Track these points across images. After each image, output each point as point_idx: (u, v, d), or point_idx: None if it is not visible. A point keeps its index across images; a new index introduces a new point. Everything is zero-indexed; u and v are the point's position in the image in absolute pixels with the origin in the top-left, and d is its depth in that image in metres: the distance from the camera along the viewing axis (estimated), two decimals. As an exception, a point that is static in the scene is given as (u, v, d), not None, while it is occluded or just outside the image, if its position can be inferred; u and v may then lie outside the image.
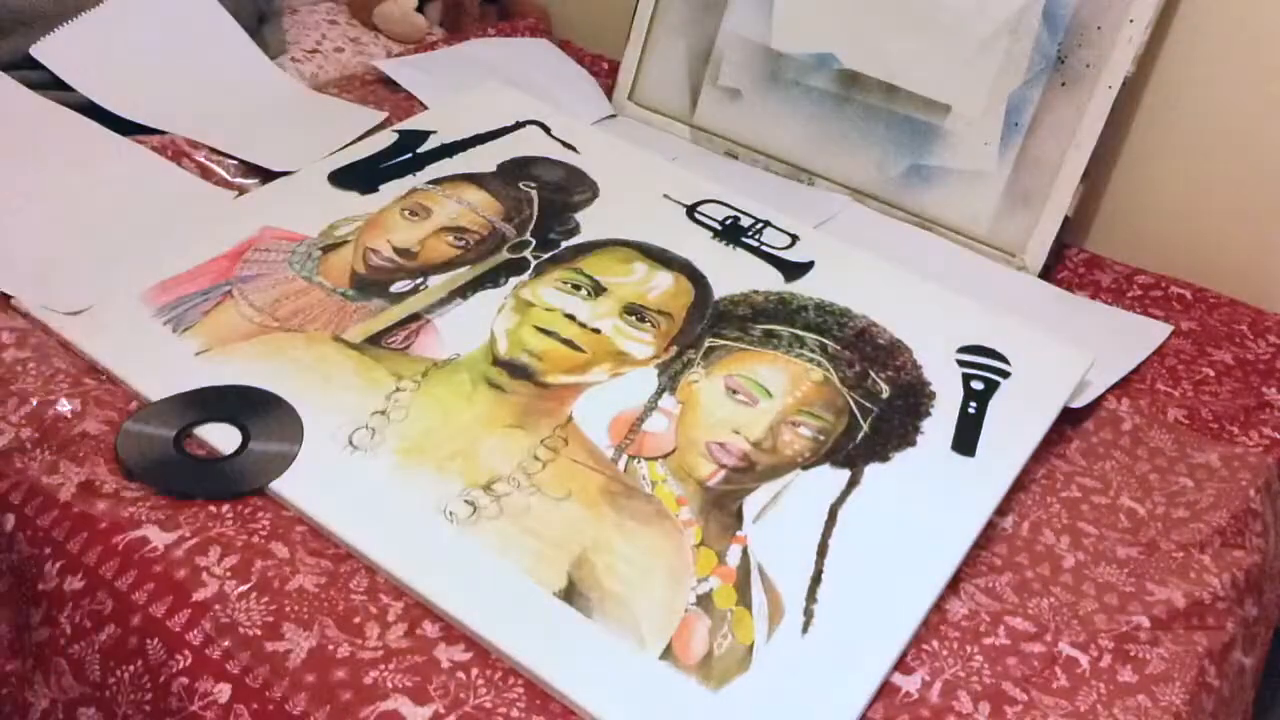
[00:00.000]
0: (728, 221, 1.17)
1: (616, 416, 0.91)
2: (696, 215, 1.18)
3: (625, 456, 0.88)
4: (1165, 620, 0.81)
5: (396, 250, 1.08)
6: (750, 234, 1.16)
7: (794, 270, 1.11)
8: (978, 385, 0.98)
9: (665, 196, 1.20)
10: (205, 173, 1.17)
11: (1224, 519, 0.90)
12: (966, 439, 0.92)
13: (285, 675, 0.71)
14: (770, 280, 1.09)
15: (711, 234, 1.16)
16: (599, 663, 0.73)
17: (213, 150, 1.19)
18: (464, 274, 1.06)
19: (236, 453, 0.84)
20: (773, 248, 1.14)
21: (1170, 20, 1.14)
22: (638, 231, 1.14)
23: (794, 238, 1.15)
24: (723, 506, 0.85)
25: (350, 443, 0.86)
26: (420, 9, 1.59)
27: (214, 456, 0.84)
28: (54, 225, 1.04)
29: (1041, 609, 0.81)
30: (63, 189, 1.08)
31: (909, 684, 0.75)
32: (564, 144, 1.28)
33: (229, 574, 0.77)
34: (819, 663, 0.74)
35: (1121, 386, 1.03)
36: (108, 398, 0.89)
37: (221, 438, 0.85)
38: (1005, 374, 0.99)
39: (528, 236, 1.12)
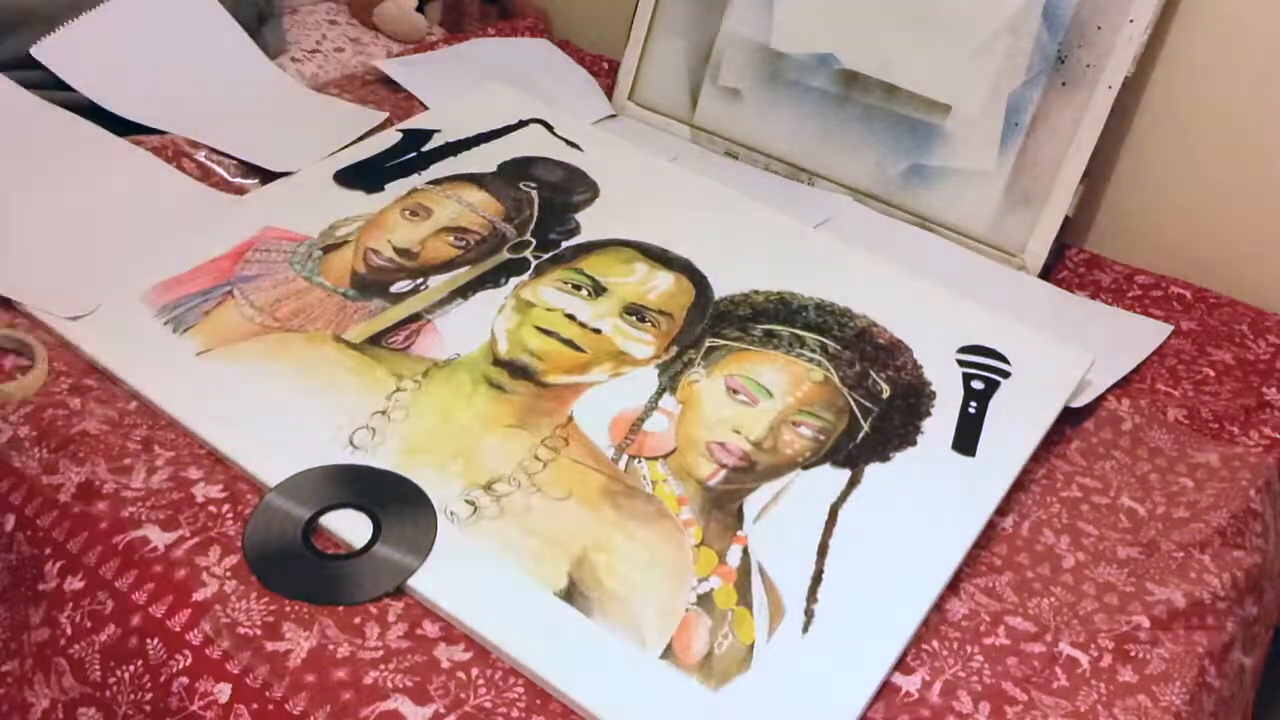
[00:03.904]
0: None
1: (617, 416, 0.91)
2: None
3: (626, 456, 0.88)
4: (1165, 620, 0.81)
5: (397, 250, 1.08)
6: None
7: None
8: (978, 385, 0.98)
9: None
10: (205, 173, 1.17)
11: (1224, 519, 0.90)
12: (967, 439, 0.92)
13: (285, 675, 0.71)
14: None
15: None
16: (600, 662, 0.73)
17: (213, 150, 1.19)
18: (464, 274, 1.06)
19: (361, 551, 0.78)
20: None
21: (1170, 20, 1.14)
22: (638, 231, 1.14)
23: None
24: (723, 506, 0.85)
25: (351, 443, 0.86)
26: (420, 9, 1.59)
27: (336, 553, 0.79)
28: (54, 228, 1.04)
29: (1041, 609, 0.81)
30: (63, 191, 1.08)
31: (909, 684, 0.75)
32: (568, 142, 1.28)
33: (229, 574, 0.77)
34: (819, 662, 0.74)
35: (1121, 386, 1.03)
36: (108, 397, 0.89)
37: (350, 526, 0.80)
38: (1005, 374, 0.99)
39: (528, 236, 1.12)
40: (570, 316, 1.01)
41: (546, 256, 1.09)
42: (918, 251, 1.19)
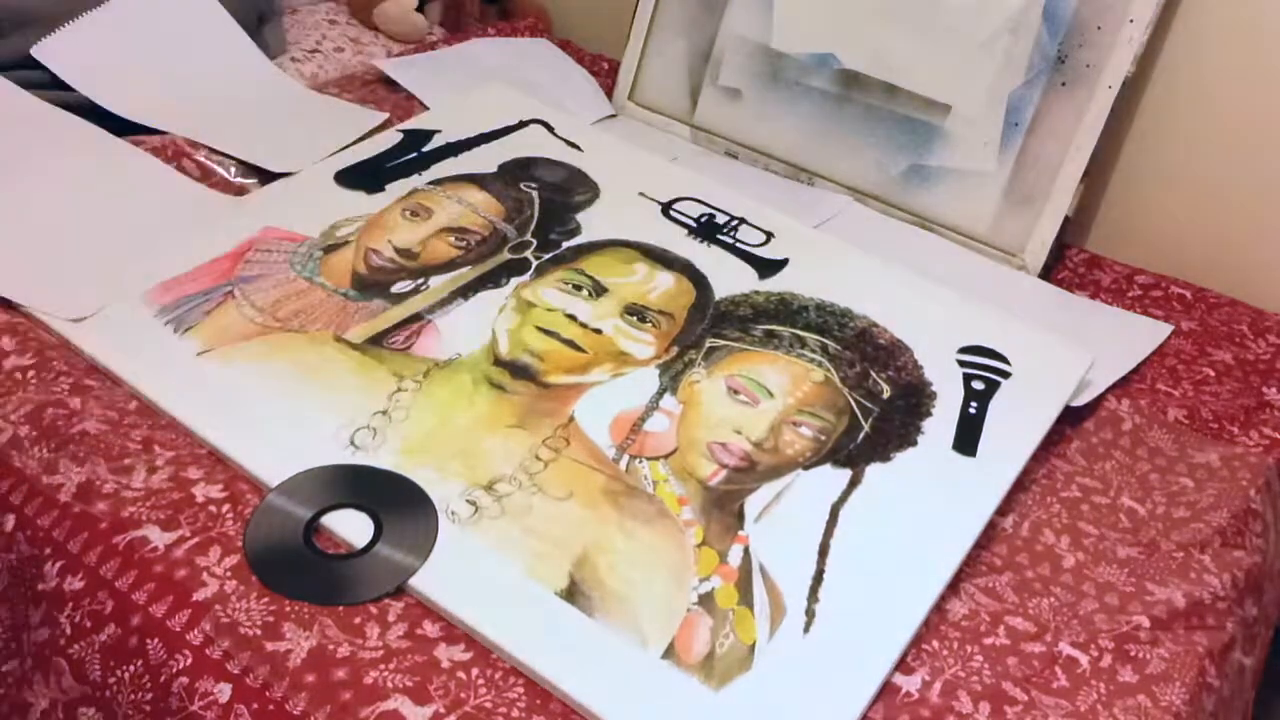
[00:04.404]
0: (703, 219, 1.18)
1: (618, 416, 0.91)
2: (671, 213, 1.18)
3: (626, 456, 0.88)
4: (1165, 620, 0.81)
5: (398, 251, 1.08)
6: (725, 231, 1.16)
7: (768, 267, 1.11)
8: (979, 385, 0.98)
9: (641, 194, 1.20)
10: (205, 173, 1.17)
11: (1224, 519, 0.90)
12: (968, 439, 0.92)
13: (285, 675, 0.71)
14: (746, 277, 1.09)
15: (686, 231, 1.16)
16: (601, 662, 0.73)
17: (213, 151, 1.19)
18: (465, 274, 1.06)
19: (363, 551, 0.78)
20: (747, 245, 1.14)
21: (1170, 20, 1.14)
22: (639, 232, 1.14)
23: (769, 235, 1.15)
24: (724, 506, 0.85)
25: (352, 443, 0.86)
26: (420, 9, 1.59)
27: (337, 552, 0.79)
28: (55, 229, 1.04)
29: (1041, 609, 0.81)
30: (63, 192, 1.08)
31: (909, 684, 0.75)
32: (568, 143, 1.28)
33: (229, 574, 0.77)
34: (820, 662, 0.74)
35: (1121, 386, 1.03)
36: (108, 398, 0.89)
37: (352, 526, 0.80)
38: (1006, 374, 0.99)
39: (529, 237, 1.12)
40: (571, 317, 1.01)
41: (547, 257, 1.09)
42: (918, 251, 1.19)
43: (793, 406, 0.94)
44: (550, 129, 1.30)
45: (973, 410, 0.95)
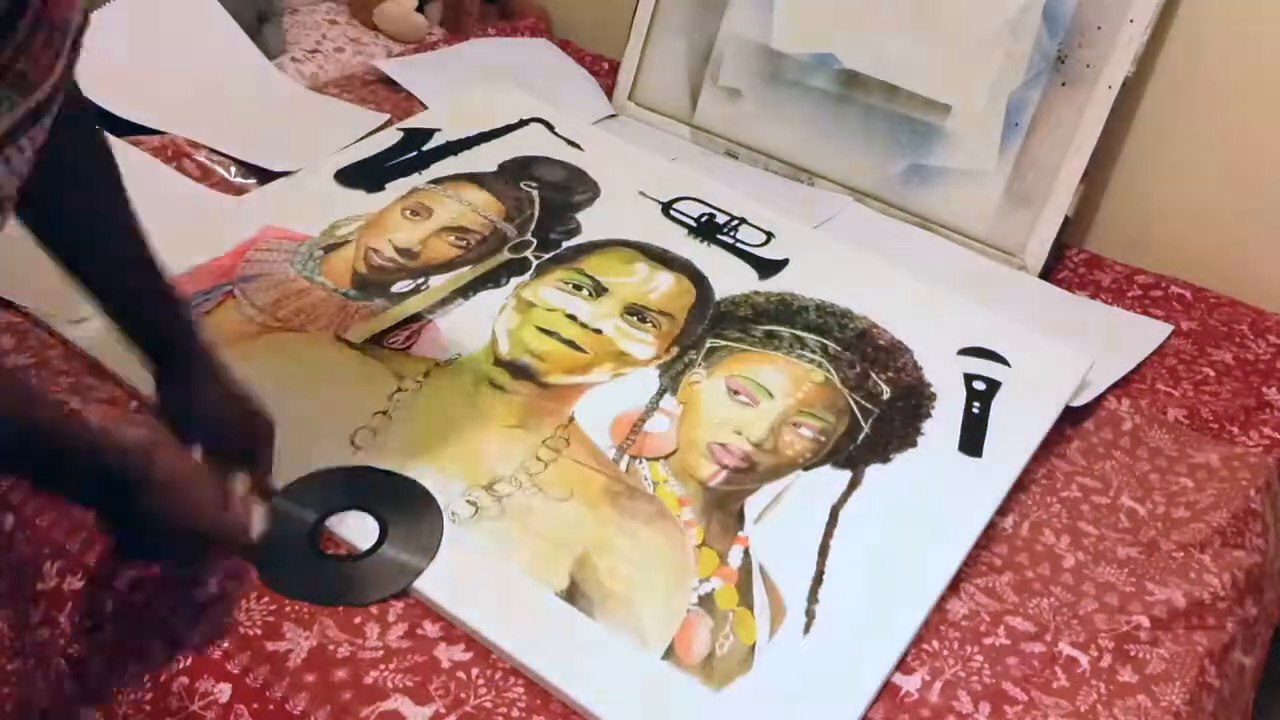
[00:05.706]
0: (703, 219, 1.17)
1: (618, 417, 0.91)
2: (671, 212, 1.18)
3: (627, 457, 0.88)
4: (1165, 620, 0.81)
5: (398, 250, 1.08)
6: (725, 231, 1.16)
7: (768, 268, 1.11)
8: (979, 386, 0.98)
9: (641, 194, 1.19)
10: (205, 173, 1.17)
11: (1224, 519, 0.90)
12: (973, 440, 0.92)
13: (285, 675, 0.71)
14: (746, 277, 1.09)
15: (687, 231, 1.15)
16: (601, 662, 0.73)
17: (213, 151, 1.19)
18: (465, 274, 1.06)
19: (368, 553, 0.78)
20: (748, 245, 1.14)
21: (1170, 20, 1.14)
22: (639, 232, 1.13)
23: (769, 235, 1.15)
24: (724, 507, 0.85)
25: (352, 443, 0.86)
26: (420, 9, 1.59)
27: (343, 555, 0.78)
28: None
29: (1041, 609, 0.81)
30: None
31: (909, 684, 0.75)
32: (569, 142, 1.28)
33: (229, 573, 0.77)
34: (821, 663, 0.74)
35: (1121, 386, 1.03)
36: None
37: (357, 528, 0.79)
38: (1006, 375, 0.99)
39: (529, 236, 1.12)
40: (571, 317, 1.01)
41: (547, 256, 1.09)
42: (918, 251, 1.19)
43: (793, 407, 0.94)
44: (550, 127, 1.30)
45: (975, 410, 0.95)
